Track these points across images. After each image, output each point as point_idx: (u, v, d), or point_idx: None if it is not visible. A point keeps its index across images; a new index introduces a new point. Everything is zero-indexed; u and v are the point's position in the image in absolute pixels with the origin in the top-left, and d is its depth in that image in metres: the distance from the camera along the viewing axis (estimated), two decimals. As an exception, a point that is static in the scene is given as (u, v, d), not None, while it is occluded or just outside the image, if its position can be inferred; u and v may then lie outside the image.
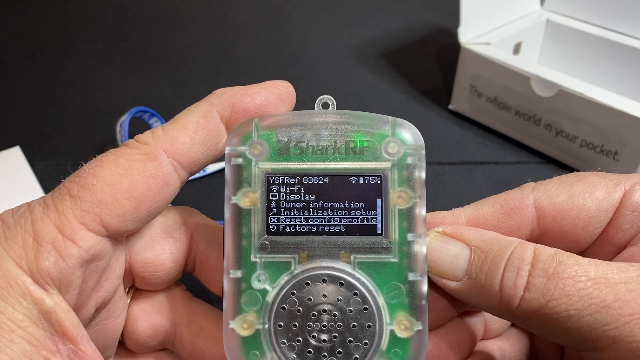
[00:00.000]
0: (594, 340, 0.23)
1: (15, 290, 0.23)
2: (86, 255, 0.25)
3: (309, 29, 0.93)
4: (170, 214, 0.30)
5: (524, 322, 0.25)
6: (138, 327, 0.31)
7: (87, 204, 0.25)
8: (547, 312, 0.23)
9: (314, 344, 0.26)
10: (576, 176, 0.29)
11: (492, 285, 0.25)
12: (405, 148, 0.27)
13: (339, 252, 0.27)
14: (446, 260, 0.27)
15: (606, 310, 0.22)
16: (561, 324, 0.23)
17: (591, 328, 0.23)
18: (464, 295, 0.27)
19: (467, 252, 0.27)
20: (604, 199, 0.28)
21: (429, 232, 0.28)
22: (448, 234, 0.27)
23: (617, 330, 0.22)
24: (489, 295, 0.25)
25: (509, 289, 0.25)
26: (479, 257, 0.26)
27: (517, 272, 0.25)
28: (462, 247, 0.27)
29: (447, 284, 0.27)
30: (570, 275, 0.23)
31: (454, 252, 0.27)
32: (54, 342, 0.24)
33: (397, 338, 0.26)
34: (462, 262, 0.26)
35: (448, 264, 0.27)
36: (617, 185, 0.28)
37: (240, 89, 0.28)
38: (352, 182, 0.27)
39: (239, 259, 0.27)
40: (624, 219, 0.27)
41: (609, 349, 0.22)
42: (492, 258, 0.26)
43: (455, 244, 0.27)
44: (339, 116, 0.28)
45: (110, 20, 0.96)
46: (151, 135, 0.27)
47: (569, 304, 0.23)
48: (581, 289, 0.23)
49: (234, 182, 0.27)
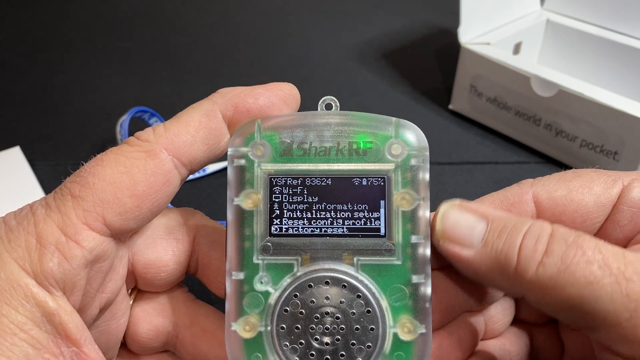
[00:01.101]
0: (610, 313, 0.22)
1: (19, 293, 0.23)
2: (90, 255, 0.24)
3: (309, 29, 0.93)
4: (173, 215, 0.30)
5: (539, 291, 0.24)
6: (140, 329, 0.30)
7: (89, 204, 0.25)
8: (566, 277, 0.23)
9: (317, 347, 0.26)
10: (575, 172, 0.29)
11: (511, 250, 0.25)
12: (409, 149, 0.27)
13: (342, 254, 0.27)
14: (462, 227, 0.26)
15: (626, 281, 0.22)
16: (579, 292, 0.23)
17: (610, 298, 0.22)
18: (475, 264, 0.26)
19: (483, 223, 0.26)
20: (602, 195, 0.28)
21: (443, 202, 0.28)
22: (465, 206, 0.27)
23: (636, 304, 0.22)
24: (504, 262, 0.25)
25: (528, 253, 0.24)
26: (497, 226, 0.26)
27: (537, 239, 0.24)
28: (478, 218, 0.26)
29: (459, 251, 0.26)
30: (590, 246, 0.23)
31: (471, 220, 0.26)
32: (57, 344, 0.24)
33: (401, 341, 0.26)
34: (479, 231, 0.26)
35: (463, 231, 0.26)
36: (616, 182, 0.28)
37: (244, 89, 0.28)
38: (355, 184, 0.27)
39: (241, 261, 0.27)
40: (621, 214, 0.28)
41: (625, 323, 0.22)
42: (511, 227, 0.25)
43: (472, 215, 0.27)
44: (342, 117, 0.27)
45: (110, 20, 0.96)
46: (152, 133, 0.27)
47: (588, 270, 0.23)
48: (601, 259, 0.23)
49: (237, 184, 0.27)
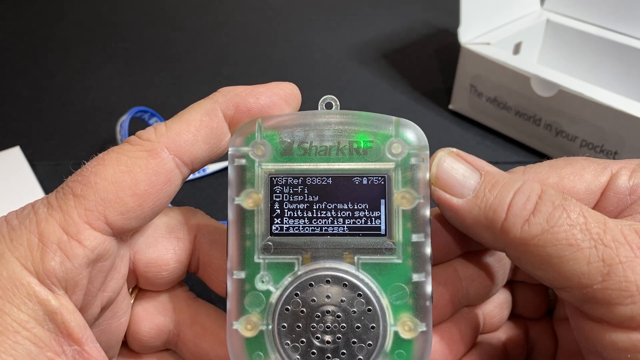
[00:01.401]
0: (585, 275, 0.23)
1: (21, 292, 0.23)
2: (92, 255, 0.25)
3: (309, 29, 0.93)
4: (174, 214, 0.30)
5: (521, 247, 0.25)
6: (141, 328, 0.30)
7: (91, 203, 0.25)
8: (549, 237, 0.24)
9: (318, 345, 0.26)
10: (566, 160, 0.29)
11: (500, 205, 0.25)
12: (409, 148, 0.27)
13: (342, 253, 0.27)
14: (455, 175, 0.27)
15: (603, 247, 0.23)
16: (558, 253, 0.24)
17: (587, 261, 0.23)
18: (463, 214, 0.27)
19: (476, 175, 0.27)
20: (592, 182, 0.28)
21: (439, 150, 0.28)
22: (461, 155, 0.28)
23: (610, 268, 0.23)
24: (493, 216, 0.26)
25: (517, 210, 0.25)
26: (489, 180, 0.26)
27: (527, 198, 0.25)
28: (472, 169, 0.27)
29: (449, 199, 0.27)
30: (575, 210, 0.24)
31: (464, 170, 0.27)
32: (59, 343, 0.24)
33: (401, 339, 0.26)
34: (472, 182, 0.27)
35: (456, 180, 0.27)
36: (605, 169, 0.29)
37: (246, 88, 0.28)
38: (356, 183, 0.27)
39: (242, 260, 0.27)
40: (608, 201, 0.28)
41: (597, 285, 0.23)
42: (503, 184, 0.26)
43: (466, 165, 0.27)
44: (342, 116, 0.27)
45: (110, 20, 0.96)
46: (153, 132, 0.27)
47: (570, 232, 0.24)
48: (584, 223, 0.24)
49: (238, 183, 0.27)
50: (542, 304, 0.34)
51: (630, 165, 0.29)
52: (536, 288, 0.34)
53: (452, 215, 0.27)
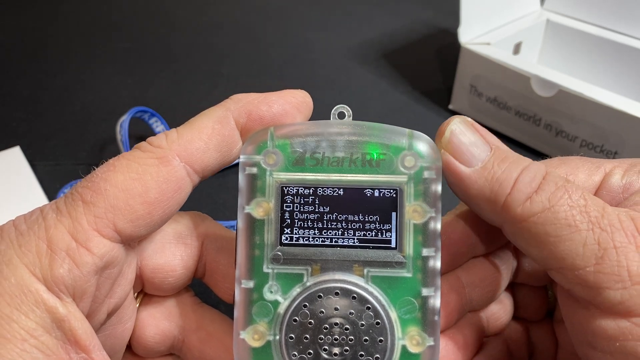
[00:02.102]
0: (579, 256, 0.24)
1: (29, 299, 0.23)
2: (100, 262, 0.24)
3: (309, 29, 0.93)
4: (182, 220, 0.30)
5: (520, 223, 0.25)
6: (146, 333, 0.30)
7: (100, 210, 0.24)
8: (549, 215, 0.24)
9: (325, 357, 0.26)
10: (560, 160, 0.30)
11: (507, 180, 0.26)
12: (422, 162, 0.27)
13: (352, 265, 0.27)
14: (467, 144, 0.27)
15: (600, 231, 0.24)
16: (556, 232, 0.24)
17: (583, 242, 0.24)
18: (469, 183, 0.27)
19: (488, 147, 0.27)
20: (585, 181, 0.29)
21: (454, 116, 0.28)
22: (475, 126, 0.28)
23: (604, 252, 0.23)
24: (498, 189, 0.26)
25: (523, 186, 0.25)
26: (499, 154, 0.27)
27: (533, 177, 0.25)
28: (483, 141, 0.27)
29: (457, 166, 0.27)
30: (577, 192, 0.25)
31: (476, 141, 0.27)
32: (66, 351, 0.24)
33: (409, 353, 0.26)
34: (482, 153, 0.27)
35: (467, 148, 0.27)
36: (599, 168, 0.29)
37: (258, 96, 0.28)
38: (368, 195, 0.27)
39: (251, 269, 0.27)
40: (601, 199, 0.28)
41: (590, 267, 0.24)
42: (512, 159, 0.26)
43: (479, 136, 0.28)
44: (355, 127, 0.27)
45: (110, 21, 0.96)
46: (165, 139, 0.26)
47: (570, 213, 0.24)
48: (583, 205, 0.24)
49: (248, 192, 0.27)
50: (542, 306, 0.34)
51: (624, 164, 0.29)
52: (537, 290, 0.34)
53: (457, 183, 0.27)
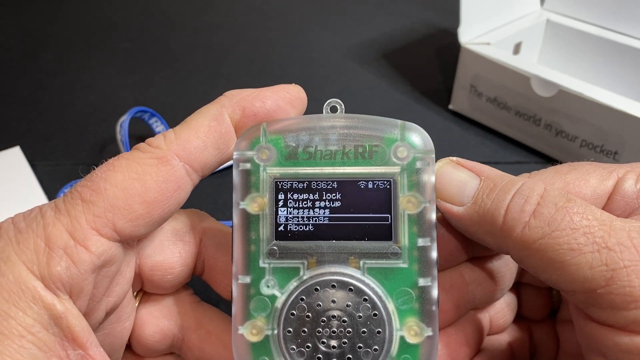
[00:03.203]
0: (588, 279, 0.23)
1: (27, 295, 0.23)
2: (98, 261, 0.24)
3: (309, 29, 0.93)
4: (180, 218, 0.30)
5: (522, 252, 0.25)
6: (146, 331, 0.30)
7: (99, 209, 0.25)
8: (550, 242, 0.24)
9: (324, 350, 0.26)
10: (570, 165, 0.29)
11: (498, 209, 0.25)
12: (415, 152, 0.27)
13: (348, 258, 0.27)
14: (454, 184, 0.27)
15: (607, 251, 0.23)
16: (560, 257, 0.24)
17: (590, 265, 0.23)
18: (464, 221, 0.27)
19: (476, 181, 0.27)
20: (598, 187, 0.28)
21: (440, 160, 0.28)
22: (461, 163, 0.28)
23: (613, 273, 0.23)
24: (491, 220, 0.26)
25: (515, 213, 0.25)
26: (488, 185, 0.26)
27: (525, 199, 0.25)
28: (472, 175, 0.27)
29: (450, 208, 0.27)
30: (578, 212, 0.24)
31: (463, 178, 0.27)
32: (63, 347, 0.24)
33: (407, 344, 0.26)
34: (470, 189, 0.27)
35: (455, 188, 0.27)
36: (611, 173, 0.28)
37: (252, 92, 0.28)
38: (361, 187, 0.27)
39: (247, 265, 0.27)
40: (615, 205, 0.28)
41: (601, 290, 0.23)
42: (501, 186, 0.26)
43: (466, 172, 0.27)
44: (347, 120, 0.27)
45: (110, 20, 0.96)
46: (163, 139, 0.27)
47: (572, 237, 0.23)
48: (587, 226, 0.24)
49: (242, 187, 0.27)
50: (546, 306, 0.34)
51: (637, 169, 0.28)
52: (541, 290, 0.34)
53: (455, 224, 0.28)
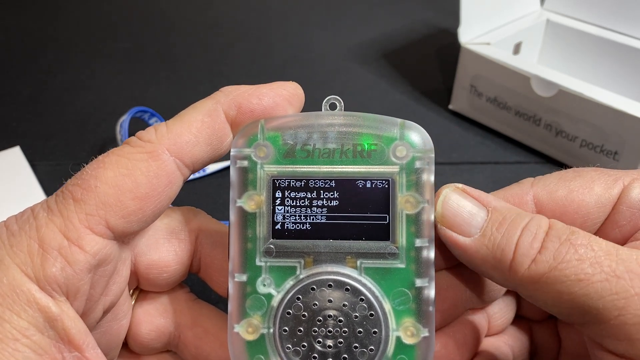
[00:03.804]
0: (599, 310, 0.22)
1: (21, 298, 0.23)
2: (93, 260, 0.24)
3: (309, 29, 0.93)
4: (175, 215, 0.30)
5: (530, 286, 0.24)
6: (142, 330, 0.30)
7: (91, 207, 0.24)
8: (557, 274, 0.23)
9: (319, 350, 0.26)
10: (575, 171, 0.29)
11: (508, 245, 0.25)
12: (414, 152, 0.27)
13: (345, 257, 0.26)
14: (461, 214, 0.26)
15: (616, 279, 0.22)
16: (568, 289, 0.23)
17: (599, 295, 0.22)
18: (471, 253, 0.26)
19: (484, 211, 0.26)
20: (602, 195, 0.28)
21: (446, 185, 0.28)
22: (467, 191, 0.27)
23: (625, 301, 0.22)
24: (501, 255, 0.25)
25: (524, 250, 0.24)
26: (497, 217, 0.26)
27: (534, 235, 0.25)
28: (479, 205, 0.27)
29: (456, 238, 0.26)
30: (583, 243, 0.24)
31: (471, 208, 0.27)
32: (59, 350, 0.24)
33: (403, 344, 0.26)
34: (478, 220, 0.26)
35: (463, 218, 0.26)
36: (616, 182, 0.28)
37: (248, 88, 0.28)
38: (359, 186, 0.27)
39: (244, 263, 0.27)
40: (621, 215, 0.27)
41: (614, 320, 0.22)
42: (511, 221, 0.25)
43: (473, 201, 0.27)
44: (346, 118, 0.27)
45: (110, 20, 0.96)
46: (154, 133, 0.26)
47: (579, 267, 0.23)
48: (593, 257, 0.23)
49: (240, 185, 0.27)
50: None
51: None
52: None
53: (461, 254, 0.27)
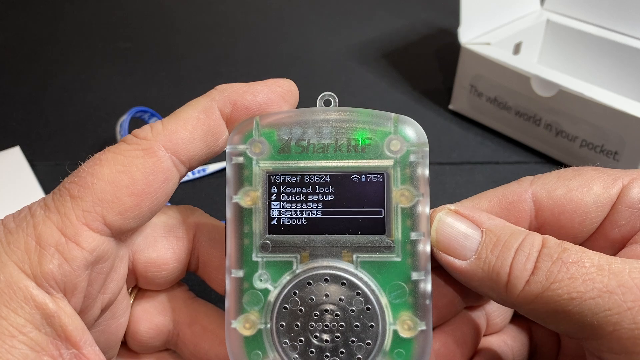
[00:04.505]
0: (595, 326, 0.23)
1: (18, 295, 0.23)
2: (90, 256, 0.24)
3: (309, 29, 0.93)
4: (173, 213, 0.30)
5: (526, 306, 0.25)
6: (141, 328, 0.30)
7: (88, 204, 0.24)
8: (550, 294, 0.23)
9: (316, 344, 0.26)
10: (574, 170, 0.29)
11: (503, 267, 0.25)
12: (408, 145, 0.27)
13: (340, 252, 0.26)
14: (456, 237, 0.26)
15: (609, 295, 0.22)
16: (563, 308, 0.23)
17: (593, 312, 0.22)
18: (468, 276, 0.26)
19: (478, 233, 0.26)
20: (601, 194, 0.28)
21: (439, 207, 0.28)
22: (460, 213, 0.27)
23: (619, 317, 0.22)
24: (496, 278, 0.25)
25: (518, 271, 0.24)
26: (490, 239, 0.26)
27: (527, 256, 0.25)
28: (473, 227, 0.27)
29: (452, 261, 0.26)
30: (574, 261, 0.24)
31: (465, 230, 0.27)
32: (56, 346, 0.24)
33: (401, 338, 0.26)
34: (473, 242, 0.26)
35: (457, 242, 0.26)
36: (615, 181, 0.28)
37: (243, 85, 0.28)
38: (354, 181, 0.27)
39: (240, 259, 0.27)
40: (620, 214, 0.27)
41: (610, 336, 0.22)
42: (504, 242, 0.25)
43: (467, 223, 0.27)
44: (340, 113, 0.27)
45: (109, 20, 0.96)
46: (150, 130, 0.26)
47: (572, 286, 0.23)
48: (585, 274, 0.23)
49: (235, 181, 0.27)
50: None
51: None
52: None
53: (458, 277, 0.27)
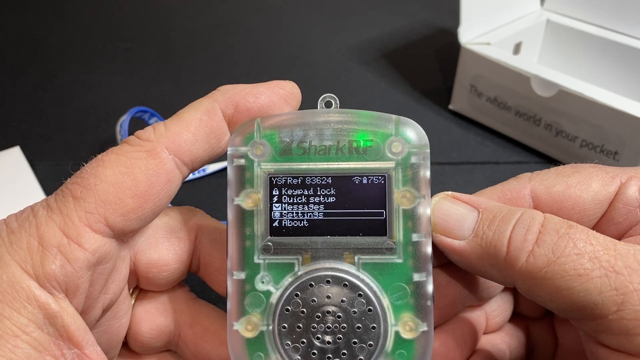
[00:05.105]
0: (598, 306, 0.22)
1: (21, 295, 0.23)
2: (92, 257, 0.24)
3: (309, 29, 0.93)
4: (174, 214, 0.30)
5: (527, 281, 0.24)
6: (142, 329, 0.30)
7: (90, 205, 0.24)
8: (556, 269, 0.23)
9: (319, 346, 0.26)
10: (573, 167, 0.29)
11: (500, 240, 0.25)
12: (410, 147, 0.27)
13: (342, 253, 0.26)
14: (453, 218, 0.27)
15: (615, 275, 0.22)
16: (567, 284, 0.23)
17: (599, 291, 0.22)
18: (467, 255, 0.26)
19: (474, 213, 0.27)
20: (599, 192, 0.28)
21: (437, 194, 0.28)
22: (456, 197, 0.27)
23: (624, 297, 0.22)
24: (494, 252, 0.25)
25: (518, 243, 0.24)
26: (487, 217, 0.26)
27: (527, 228, 0.24)
28: (469, 208, 0.27)
29: (450, 242, 0.27)
30: (581, 237, 0.23)
31: (462, 212, 0.27)
32: (58, 346, 0.24)
33: (402, 339, 0.26)
34: (470, 222, 0.26)
35: (454, 222, 0.27)
36: (614, 178, 0.28)
37: (245, 87, 0.28)
38: (356, 182, 0.27)
39: (242, 261, 0.27)
40: (617, 212, 0.27)
41: (612, 316, 0.22)
42: (501, 217, 0.26)
43: (463, 205, 0.27)
44: (341, 115, 0.27)
45: (110, 20, 0.96)
46: (153, 132, 0.27)
47: (578, 262, 0.23)
48: (592, 251, 0.23)
49: (237, 183, 0.27)
50: None
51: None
52: None
53: (457, 258, 0.27)
